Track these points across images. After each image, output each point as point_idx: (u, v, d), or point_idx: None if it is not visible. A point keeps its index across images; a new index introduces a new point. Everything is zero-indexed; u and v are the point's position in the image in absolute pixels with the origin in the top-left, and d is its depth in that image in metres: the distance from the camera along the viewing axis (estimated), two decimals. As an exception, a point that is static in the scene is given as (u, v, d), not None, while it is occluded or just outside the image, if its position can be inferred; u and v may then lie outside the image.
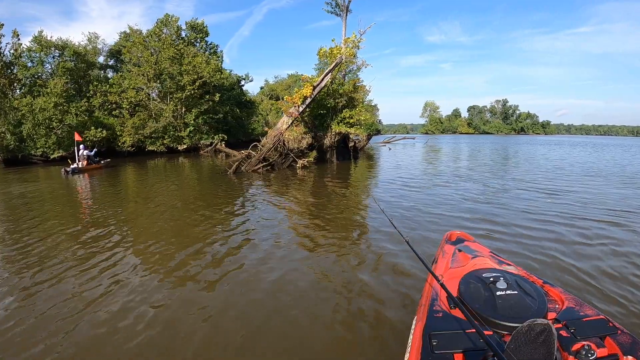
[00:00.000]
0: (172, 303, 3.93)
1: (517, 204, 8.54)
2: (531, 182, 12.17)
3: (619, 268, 4.63)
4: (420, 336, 1.94)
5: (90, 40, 35.91)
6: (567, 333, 1.81)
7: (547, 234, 6.08)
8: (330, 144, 17.10)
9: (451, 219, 7.28)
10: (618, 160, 22.56)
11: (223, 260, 5.17)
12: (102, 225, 7.18)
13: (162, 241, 6.09)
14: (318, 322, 3.51)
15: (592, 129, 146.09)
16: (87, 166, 17.51)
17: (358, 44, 16.60)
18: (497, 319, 1.92)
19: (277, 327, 3.42)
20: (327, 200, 9.62)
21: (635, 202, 8.84)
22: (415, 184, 11.67)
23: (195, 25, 33.80)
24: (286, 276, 4.59)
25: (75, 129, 24.36)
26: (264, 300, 3.99)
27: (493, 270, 2.37)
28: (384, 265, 4.88)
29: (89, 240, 6.20)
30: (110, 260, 5.21)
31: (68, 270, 4.82)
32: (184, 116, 30.41)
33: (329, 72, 15.54)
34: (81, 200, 10.66)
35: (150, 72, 29.02)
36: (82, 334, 3.35)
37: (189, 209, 8.57)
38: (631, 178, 13.42)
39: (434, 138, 70.32)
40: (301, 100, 15.13)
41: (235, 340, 3.22)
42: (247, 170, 15.25)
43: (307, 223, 7.33)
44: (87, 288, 4.30)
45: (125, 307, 3.84)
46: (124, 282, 4.45)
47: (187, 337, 3.28)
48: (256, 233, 6.53)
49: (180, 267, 4.94)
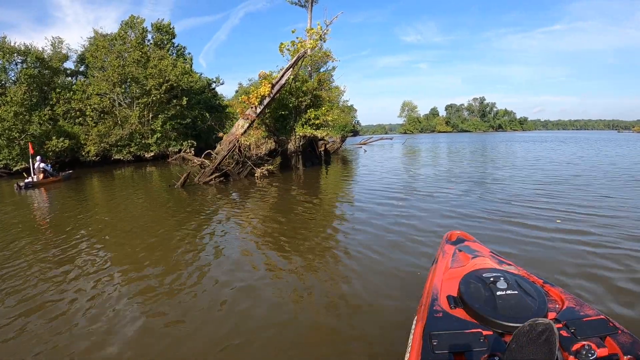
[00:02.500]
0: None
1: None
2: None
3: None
4: (421, 336, 1.87)
5: (54, 45, 32.95)
6: (568, 333, 1.73)
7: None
8: (295, 149, 14.82)
9: (432, 237, 5.60)
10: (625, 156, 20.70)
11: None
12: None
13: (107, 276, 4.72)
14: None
15: (569, 124, 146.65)
16: (43, 180, 15.61)
17: (324, 36, 14.43)
18: (498, 319, 1.84)
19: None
20: (286, 218, 7.51)
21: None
22: (391, 195, 9.50)
23: (161, 26, 31.17)
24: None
25: (38, 138, 22.82)
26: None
27: (493, 270, 2.27)
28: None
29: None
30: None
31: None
32: (151, 122, 27.90)
33: (290, 68, 13.30)
34: (31, 220, 8.65)
35: (114, 77, 26.45)
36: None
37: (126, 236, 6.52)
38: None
39: (412, 138, 68.12)
40: (258, 100, 12.87)
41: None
42: (199, 181, 12.95)
43: (261, 247, 5.74)
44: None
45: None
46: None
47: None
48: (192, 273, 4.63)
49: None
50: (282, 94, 14.12)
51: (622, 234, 5.47)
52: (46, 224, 8.16)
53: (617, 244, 5.04)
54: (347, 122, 27.71)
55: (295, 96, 14.47)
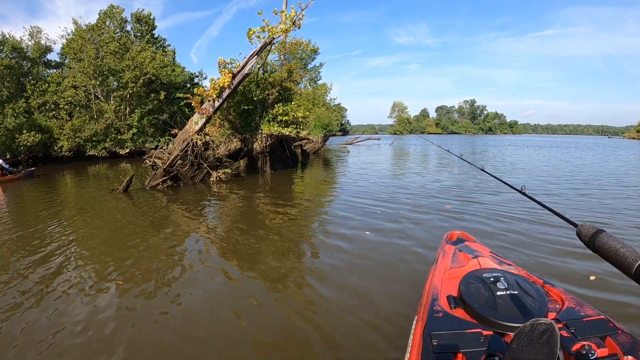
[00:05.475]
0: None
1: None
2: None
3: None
4: (421, 336, 1.81)
5: (31, 35, 30.37)
6: (568, 333, 1.68)
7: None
8: (261, 149, 12.54)
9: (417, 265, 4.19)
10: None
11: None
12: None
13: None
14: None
15: (558, 128, 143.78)
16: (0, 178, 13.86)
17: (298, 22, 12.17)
18: (498, 319, 1.78)
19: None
20: (231, 237, 5.59)
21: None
22: (372, 209, 7.27)
23: (141, 17, 28.65)
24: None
25: (13, 132, 21.18)
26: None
27: (493, 270, 2.21)
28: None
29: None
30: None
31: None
32: (128, 117, 25.54)
33: (256, 55, 11.05)
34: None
35: (90, 68, 24.07)
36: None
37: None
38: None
39: (400, 139, 64.61)
40: (217, 92, 10.61)
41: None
42: (148, 185, 10.72)
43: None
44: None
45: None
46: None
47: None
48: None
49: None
50: (247, 86, 11.86)
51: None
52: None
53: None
54: (331, 120, 25.29)
55: (261, 88, 12.15)
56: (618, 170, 14.73)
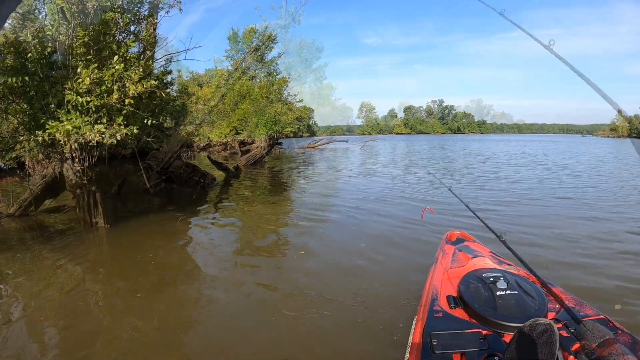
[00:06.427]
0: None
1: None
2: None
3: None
4: (421, 336, 1.78)
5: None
6: (567, 333, 1.63)
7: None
8: (79, 178, 5.21)
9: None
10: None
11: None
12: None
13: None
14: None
15: (525, 127, 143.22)
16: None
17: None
18: (497, 319, 1.74)
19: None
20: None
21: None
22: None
23: None
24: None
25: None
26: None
27: (493, 270, 2.15)
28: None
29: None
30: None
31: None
32: None
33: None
34: None
35: None
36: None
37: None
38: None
39: (373, 139, 57.07)
40: None
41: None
42: None
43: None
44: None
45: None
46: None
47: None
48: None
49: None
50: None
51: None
52: None
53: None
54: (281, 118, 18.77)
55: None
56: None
